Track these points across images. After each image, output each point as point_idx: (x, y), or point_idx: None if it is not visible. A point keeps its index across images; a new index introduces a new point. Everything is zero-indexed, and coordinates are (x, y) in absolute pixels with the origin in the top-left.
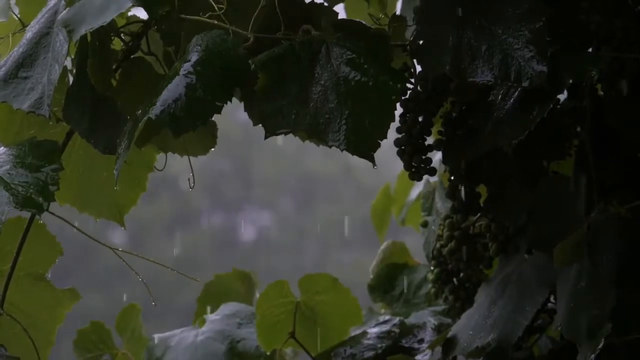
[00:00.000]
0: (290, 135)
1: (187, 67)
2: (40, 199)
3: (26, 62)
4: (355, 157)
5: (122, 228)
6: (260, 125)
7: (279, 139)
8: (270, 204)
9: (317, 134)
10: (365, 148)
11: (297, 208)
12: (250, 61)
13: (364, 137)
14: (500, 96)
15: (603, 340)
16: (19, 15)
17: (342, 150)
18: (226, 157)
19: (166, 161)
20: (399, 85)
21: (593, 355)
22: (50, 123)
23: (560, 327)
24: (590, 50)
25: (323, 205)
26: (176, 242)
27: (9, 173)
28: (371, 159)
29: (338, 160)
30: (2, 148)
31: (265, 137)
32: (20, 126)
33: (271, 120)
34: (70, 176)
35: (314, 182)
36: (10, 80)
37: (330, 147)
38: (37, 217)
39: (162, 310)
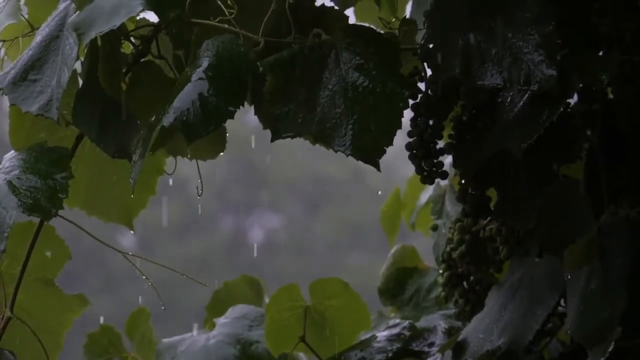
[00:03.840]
0: (301, 139)
1: (198, 72)
2: (49, 205)
3: (36, 65)
4: None
5: (132, 232)
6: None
7: (289, 142)
8: (279, 207)
9: (323, 138)
10: (371, 154)
11: (307, 211)
12: (258, 63)
13: (370, 142)
14: (509, 98)
15: (613, 343)
16: (27, 18)
17: (347, 156)
18: (236, 160)
19: (176, 165)
20: (406, 93)
21: (603, 359)
22: (60, 126)
23: (570, 330)
24: (600, 53)
25: (333, 208)
26: (185, 246)
27: (18, 178)
28: (376, 165)
29: (348, 163)
30: (12, 152)
31: (272, 140)
32: (30, 129)
33: (278, 123)
34: (79, 180)
35: (323, 185)
36: (19, 83)
37: (336, 151)
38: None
39: (171, 314)
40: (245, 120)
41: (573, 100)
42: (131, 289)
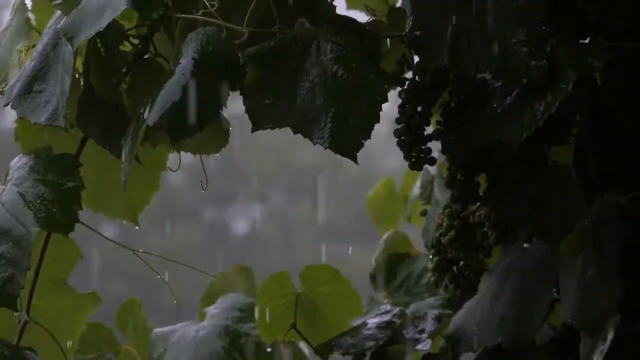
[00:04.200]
0: (282, 128)
1: (181, 68)
2: (65, 219)
3: (39, 75)
4: None
5: (111, 223)
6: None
7: (269, 131)
8: (261, 197)
9: (302, 130)
10: (349, 147)
11: (289, 201)
12: (239, 54)
13: (348, 136)
14: (500, 85)
15: (613, 330)
16: (35, 26)
17: (325, 148)
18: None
19: (180, 161)
20: (386, 87)
21: (605, 346)
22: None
23: (571, 319)
24: (588, 39)
25: (315, 197)
26: (167, 238)
27: (32, 189)
28: (354, 158)
29: (329, 152)
30: (18, 159)
31: (252, 131)
32: (37, 132)
33: (259, 114)
34: (84, 177)
35: (304, 174)
36: (25, 95)
37: (314, 144)
38: None
39: (151, 306)
40: (226, 110)
41: None
42: (113, 283)
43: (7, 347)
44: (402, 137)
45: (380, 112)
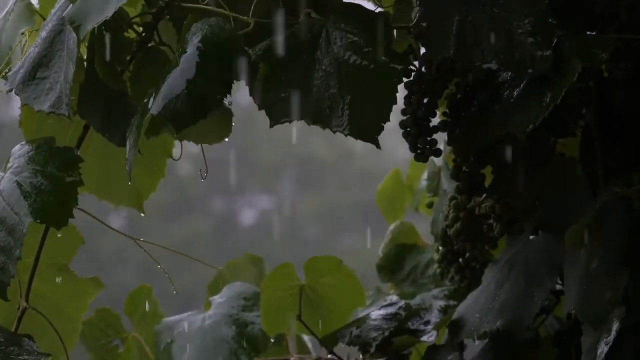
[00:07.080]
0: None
1: (185, 58)
2: (60, 214)
3: (43, 62)
4: (356, 141)
5: (120, 214)
6: (264, 112)
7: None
8: (270, 189)
9: (320, 120)
10: (369, 132)
11: (297, 192)
12: (250, 51)
13: (367, 121)
14: (508, 77)
15: (618, 322)
16: (38, 10)
17: (346, 136)
18: (225, 141)
19: (182, 150)
20: (400, 68)
21: (610, 337)
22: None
23: (575, 310)
24: (595, 31)
25: (323, 189)
26: (176, 228)
27: (29, 181)
28: (376, 143)
29: (338, 144)
30: (19, 147)
31: (270, 126)
32: (41, 118)
33: (275, 108)
34: (89, 164)
35: (314, 166)
36: (29, 82)
37: (334, 132)
38: None
39: (161, 296)
40: (233, 101)
41: None
42: (119, 272)
43: (3, 333)
44: (408, 129)
45: (397, 94)
